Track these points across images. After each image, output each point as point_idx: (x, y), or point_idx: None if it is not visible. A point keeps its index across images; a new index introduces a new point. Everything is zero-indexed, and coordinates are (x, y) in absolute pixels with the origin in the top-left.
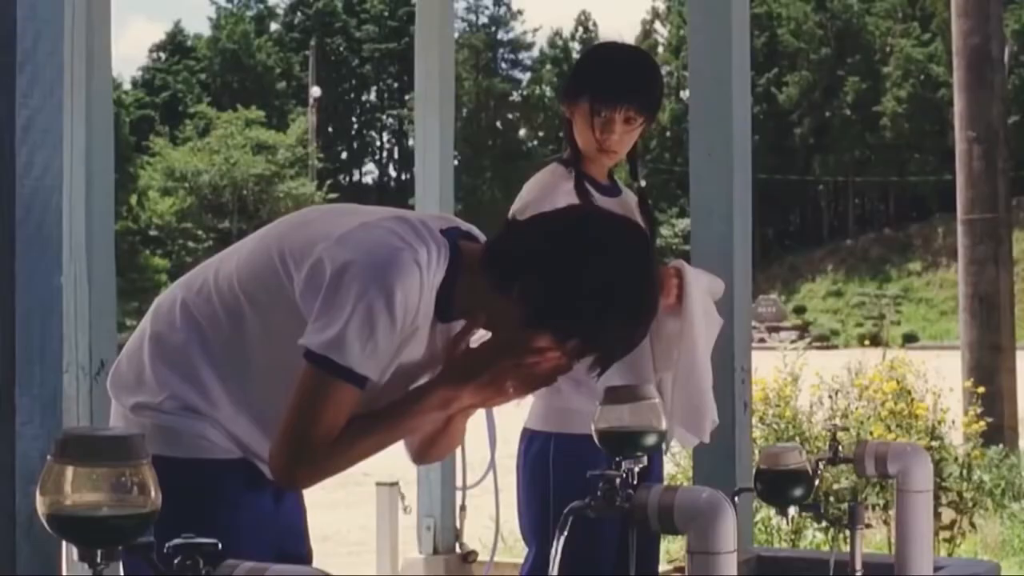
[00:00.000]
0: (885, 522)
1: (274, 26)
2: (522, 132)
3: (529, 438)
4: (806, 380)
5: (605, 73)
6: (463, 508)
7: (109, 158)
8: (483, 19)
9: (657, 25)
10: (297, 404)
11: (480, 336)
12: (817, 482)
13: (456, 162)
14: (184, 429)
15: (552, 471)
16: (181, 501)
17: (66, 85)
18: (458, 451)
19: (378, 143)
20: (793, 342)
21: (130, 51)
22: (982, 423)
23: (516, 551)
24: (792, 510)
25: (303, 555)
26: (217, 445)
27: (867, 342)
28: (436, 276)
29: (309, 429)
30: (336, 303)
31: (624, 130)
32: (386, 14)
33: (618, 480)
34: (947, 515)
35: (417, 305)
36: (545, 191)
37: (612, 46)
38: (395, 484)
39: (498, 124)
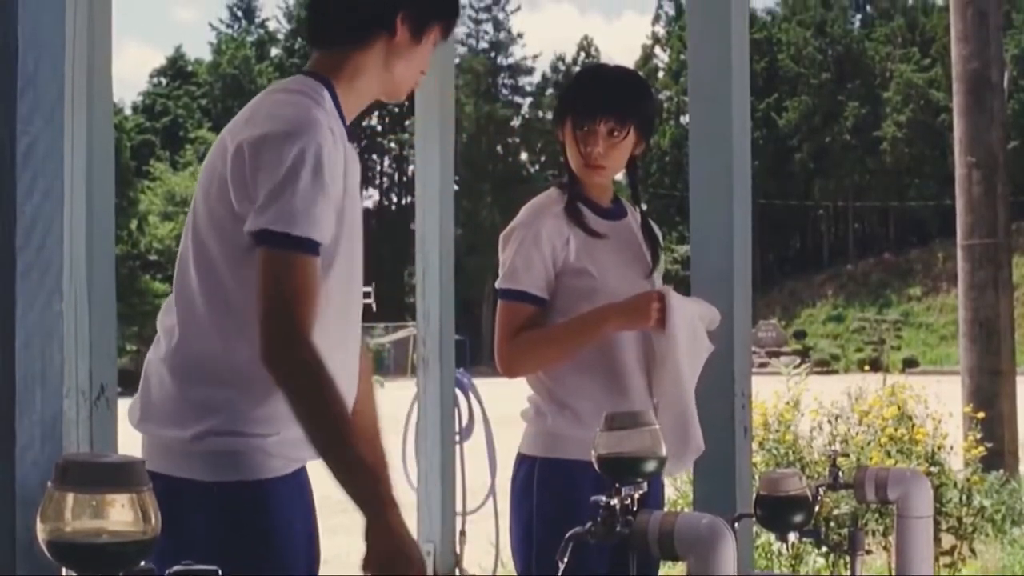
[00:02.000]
0: (885, 548)
1: (275, 51)
2: (523, 157)
3: (518, 462)
4: (807, 405)
5: (584, 88)
6: (463, 533)
7: (110, 183)
8: (483, 44)
9: (657, 50)
10: (261, 290)
11: None
12: (817, 508)
13: (456, 187)
14: (245, 449)
15: (536, 495)
16: (245, 523)
17: (66, 110)
18: (458, 477)
19: (379, 168)
20: (796, 367)
21: (123, 74)
22: (982, 448)
23: None
24: (792, 536)
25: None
26: (278, 459)
27: (867, 367)
28: (328, 106)
29: (282, 310)
30: (261, 179)
31: (609, 143)
32: None
33: (618, 506)
34: (947, 540)
35: (334, 144)
36: (533, 213)
37: (595, 65)
38: None
39: (498, 149)
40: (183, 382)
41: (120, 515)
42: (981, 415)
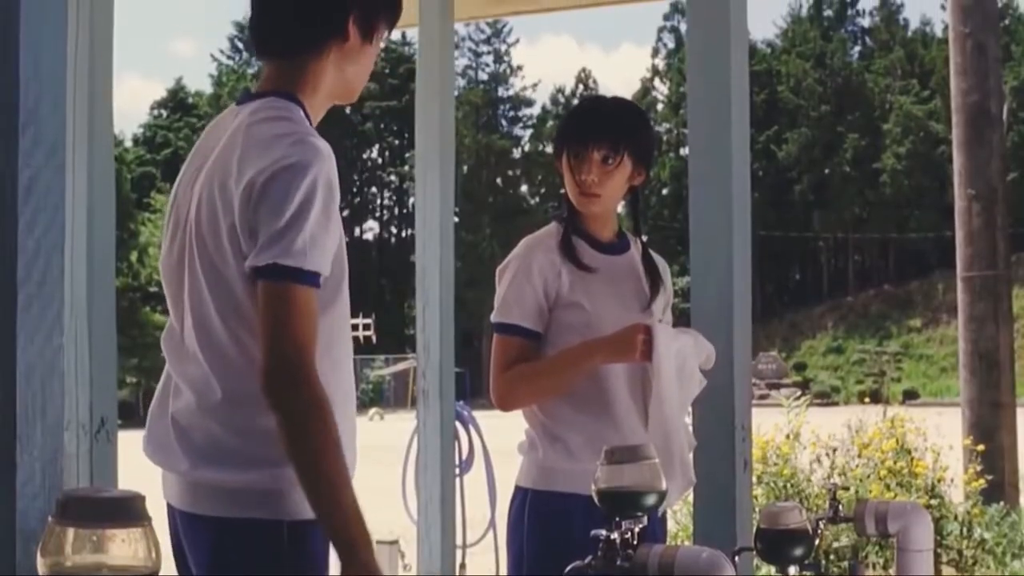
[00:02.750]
0: None
1: None
2: (523, 189)
3: (514, 494)
4: (807, 438)
5: (578, 116)
6: (463, 566)
7: (110, 216)
8: (483, 76)
9: (657, 82)
10: (270, 323)
11: None
12: (817, 541)
13: (456, 219)
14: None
15: (526, 526)
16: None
17: (68, 144)
18: (459, 509)
19: (379, 200)
20: (796, 399)
21: (122, 106)
22: (982, 481)
23: None
24: (793, 569)
25: None
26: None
27: (867, 399)
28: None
29: (296, 344)
30: (266, 214)
31: (603, 171)
32: (387, 71)
33: (617, 540)
34: (948, 573)
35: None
36: (527, 247)
37: (589, 96)
38: (395, 542)
39: (498, 181)
40: (243, 430)
41: (121, 550)
42: (981, 447)
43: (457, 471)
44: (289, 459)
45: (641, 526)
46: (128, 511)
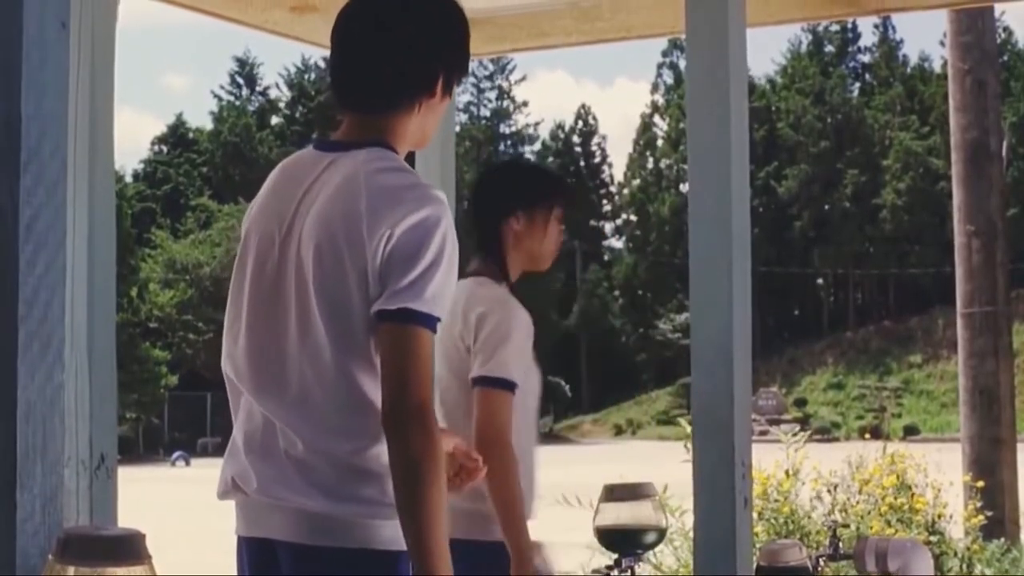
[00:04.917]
0: None
1: (275, 119)
2: None
3: None
4: (807, 474)
5: (554, 177)
6: None
7: (111, 252)
8: (485, 112)
9: (656, 119)
10: (403, 362)
11: None
12: None
13: None
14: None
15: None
16: None
17: (68, 180)
18: None
19: None
20: (795, 434)
21: (119, 141)
22: (982, 517)
23: None
24: None
25: None
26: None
27: (868, 435)
28: None
29: (413, 386)
30: (405, 261)
31: None
32: None
33: None
34: None
35: None
36: (512, 303)
37: (524, 159)
38: None
39: None
40: (359, 462)
41: None
42: (981, 484)
43: None
44: (395, 488)
45: (640, 563)
46: (129, 549)
